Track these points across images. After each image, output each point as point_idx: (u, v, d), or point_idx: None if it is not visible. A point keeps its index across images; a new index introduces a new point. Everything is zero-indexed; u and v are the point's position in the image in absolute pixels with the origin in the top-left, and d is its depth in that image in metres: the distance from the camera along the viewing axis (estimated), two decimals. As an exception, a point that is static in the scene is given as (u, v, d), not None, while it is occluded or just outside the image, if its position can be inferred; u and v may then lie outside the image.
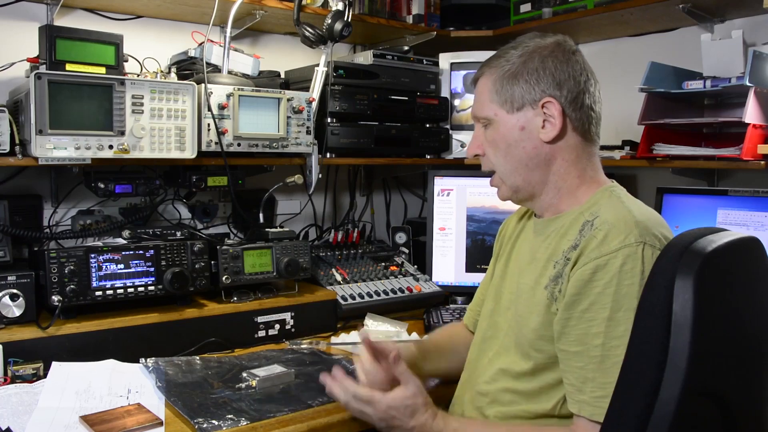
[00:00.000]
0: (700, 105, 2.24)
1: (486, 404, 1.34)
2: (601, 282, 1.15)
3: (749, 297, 1.12)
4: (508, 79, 1.30)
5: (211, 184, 1.97)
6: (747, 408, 1.13)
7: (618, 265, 1.14)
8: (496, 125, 1.32)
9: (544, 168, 1.31)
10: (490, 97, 1.32)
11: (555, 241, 1.29)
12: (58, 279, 1.63)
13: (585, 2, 2.28)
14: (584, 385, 1.15)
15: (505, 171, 1.34)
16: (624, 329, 1.11)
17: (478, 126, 1.38)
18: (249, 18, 2.19)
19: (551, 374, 1.25)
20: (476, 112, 1.37)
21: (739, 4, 2.06)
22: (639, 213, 1.21)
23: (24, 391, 1.47)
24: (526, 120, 1.30)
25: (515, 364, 1.30)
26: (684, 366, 0.94)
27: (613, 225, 1.18)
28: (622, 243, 1.15)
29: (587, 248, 1.19)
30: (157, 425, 1.35)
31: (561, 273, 1.22)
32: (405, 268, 2.39)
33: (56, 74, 1.62)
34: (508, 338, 1.35)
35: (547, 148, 1.30)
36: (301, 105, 2.03)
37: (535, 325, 1.25)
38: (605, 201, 1.27)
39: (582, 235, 1.22)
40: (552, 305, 1.23)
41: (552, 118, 1.28)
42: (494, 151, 1.34)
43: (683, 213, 2.08)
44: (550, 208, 1.35)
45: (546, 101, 1.28)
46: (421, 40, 2.57)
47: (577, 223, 1.26)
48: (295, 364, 1.72)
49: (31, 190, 2.02)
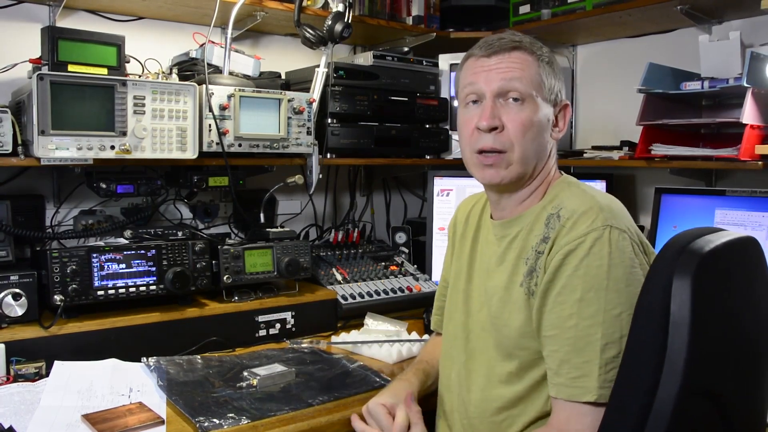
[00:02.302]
0: (698, 106, 2.24)
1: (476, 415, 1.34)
2: (570, 266, 1.16)
3: (747, 297, 1.13)
4: (549, 66, 1.30)
5: (212, 184, 1.98)
6: (744, 408, 1.13)
7: (586, 248, 1.16)
8: (533, 107, 1.27)
9: (542, 161, 1.32)
10: (532, 77, 1.27)
11: (522, 241, 1.29)
12: (60, 278, 1.63)
13: (584, 3, 2.29)
14: (560, 368, 1.16)
15: (521, 154, 1.27)
16: (595, 309, 1.13)
17: (493, 99, 1.27)
18: (250, 19, 2.20)
19: (537, 371, 1.25)
20: (515, 86, 1.26)
21: (737, 6, 2.07)
22: (602, 199, 1.24)
23: (26, 390, 1.47)
24: (550, 113, 1.31)
25: (499, 366, 1.30)
26: (681, 366, 0.95)
27: (580, 212, 1.20)
28: (589, 227, 1.17)
29: (558, 237, 1.20)
30: (158, 424, 1.36)
31: (534, 267, 1.23)
32: (405, 268, 2.40)
33: (58, 75, 1.62)
34: (483, 340, 1.35)
35: (549, 145, 1.33)
36: (302, 106, 2.04)
37: (517, 324, 1.26)
38: (566, 193, 1.28)
39: (550, 228, 1.23)
40: (530, 299, 1.24)
41: (564, 120, 1.34)
42: (521, 131, 1.26)
43: (681, 213, 2.09)
44: (515, 207, 1.34)
45: (566, 104, 1.34)
46: (421, 41, 2.58)
47: (541, 218, 1.27)
48: (295, 363, 1.73)
49: (34, 190, 2.03)
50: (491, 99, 1.27)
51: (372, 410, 1.37)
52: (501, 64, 1.28)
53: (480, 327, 1.36)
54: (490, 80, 1.28)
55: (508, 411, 1.28)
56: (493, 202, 1.39)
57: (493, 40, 1.31)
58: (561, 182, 1.33)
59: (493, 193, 1.37)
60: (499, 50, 1.29)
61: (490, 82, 1.27)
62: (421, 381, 1.48)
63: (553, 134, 1.32)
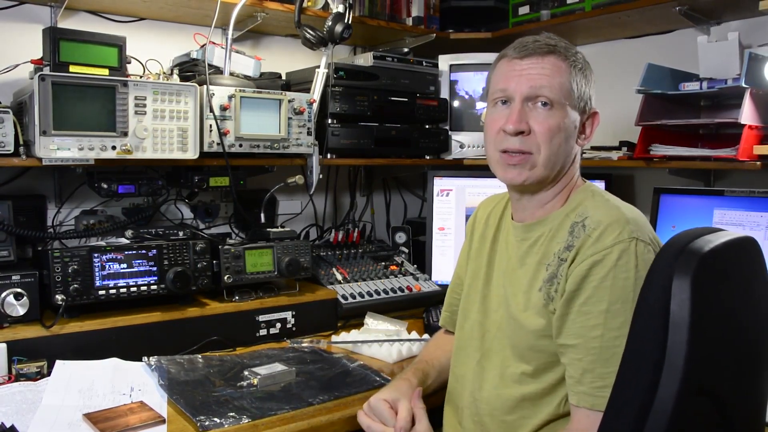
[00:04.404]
0: (697, 106, 2.25)
1: (487, 412, 1.35)
2: (597, 276, 1.18)
3: (746, 296, 1.13)
4: (581, 74, 1.30)
5: (213, 184, 1.98)
6: (743, 407, 1.14)
7: (614, 259, 1.17)
8: (562, 112, 1.28)
9: (566, 167, 1.33)
10: (563, 83, 1.28)
11: (544, 246, 1.31)
12: (62, 278, 1.64)
13: (583, 4, 2.29)
14: (583, 377, 1.18)
15: (546, 158, 1.28)
16: (622, 321, 1.14)
17: (522, 102, 1.28)
18: (250, 20, 2.20)
19: (552, 374, 1.26)
20: (544, 92, 1.27)
21: (736, 6, 2.07)
22: (627, 211, 1.25)
23: (28, 390, 1.48)
24: (577, 121, 1.32)
25: (513, 366, 1.31)
26: (681, 365, 0.95)
27: (606, 224, 1.21)
28: (616, 239, 1.18)
29: (583, 247, 1.21)
30: (159, 423, 1.36)
31: (555, 273, 1.25)
32: (405, 268, 2.41)
33: (60, 76, 1.63)
34: (499, 340, 1.36)
35: (574, 151, 1.33)
36: (302, 106, 2.04)
37: (534, 327, 1.27)
38: (590, 202, 1.30)
39: (574, 236, 1.24)
40: (549, 305, 1.25)
41: (592, 128, 1.35)
42: (548, 136, 1.27)
43: (680, 213, 2.09)
44: (536, 210, 1.35)
45: (594, 112, 1.35)
46: (421, 41, 2.59)
47: (564, 225, 1.28)
48: (296, 362, 1.73)
49: (35, 191, 2.03)
50: (520, 102, 1.28)
51: (374, 406, 1.38)
52: (533, 69, 1.28)
53: (496, 327, 1.37)
54: (520, 83, 1.28)
55: (521, 411, 1.29)
56: (514, 201, 1.41)
57: (528, 41, 1.31)
58: (584, 190, 1.34)
59: (515, 192, 1.38)
60: (533, 53, 1.29)
61: (521, 86, 1.28)
62: (420, 380, 1.49)
63: (579, 141, 1.33)
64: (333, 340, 1.93)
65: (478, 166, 2.53)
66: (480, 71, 2.54)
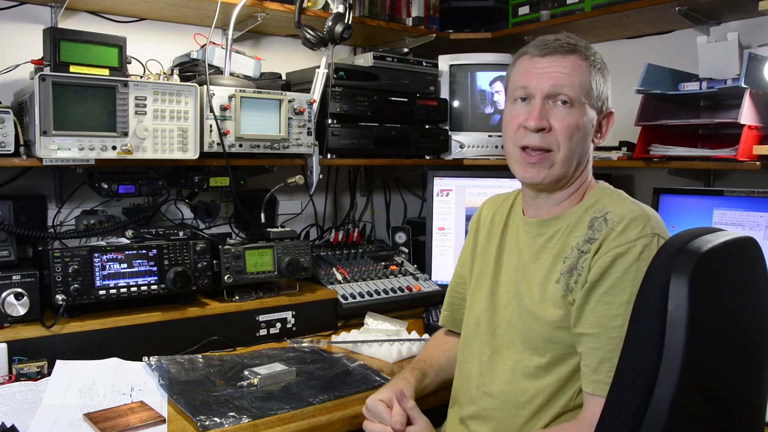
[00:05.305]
0: (696, 106, 2.25)
1: (497, 407, 1.35)
2: (620, 268, 1.20)
3: (744, 296, 1.13)
4: (600, 73, 1.33)
5: (213, 184, 1.99)
6: (742, 405, 1.14)
7: (637, 252, 1.20)
8: (581, 110, 1.30)
9: (582, 165, 1.35)
10: (583, 82, 1.30)
11: (562, 240, 1.32)
12: (62, 278, 1.64)
13: (583, 5, 2.30)
14: (600, 366, 1.19)
15: (565, 156, 1.30)
16: None
17: (542, 100, 1.30)
18: (250, 20, 2.21)
19: (565, 367, 1.27)
20: (565, 90, 1.29)
21: (735, 7, 2.07)
22: (647, 209, 1.29)
23: (28, 389, 1.48)
24: (594, 119, 1.34)
25: (526, 360, 1.32)
26: (679, 364, 0.96)
27: (630, 219, 1.24)
28: (639, 234, 1.21)
29: (607, 239, 1.24)
30: (159, 423, 1.37)
31: (575, 265, 1.26)
32: (405, 268, 2.41)
33: (60, 76, 1.63)
34: (510, 335, 1.36)
35: (590, 150, 1.36)
36: (302, 106, 2.05)
37: (551, 318, 1.28)
38: (608, 199, 1.32)
39: (595, 230, 1.26)
40: (568, 296, 1.27)
41: (607, 127, 1.37)
42: (568, 134, 1.29)
43: (679, 213, 2.09)
44: (552, 207, 1.37)
45: (610, 112, 1.37)
46: (421, 42, 2.59)
47: (583, 220, 1.30)
48: (296, 362, 1.74)
49: (36, 191, 2.04)
50: (540, 100, 1.30)
51: (371, 407, 1.38)
52: (554, 67, 1.30)
53: (507, 322, 1.38)
54: (541, 81, 1.30)
55: (533, 405, 1.30)
56: (529, 199, 1.41)
57: (549, 40, 1.33)
58: (600, 188, 1.37)
59: (532, 191, 1.39)
60: (555, 51, 1.31)
61: (542, 83, 1.30)
62: (417, 380, 1.49)
63: (595, 140, 1.36)
64: (333, 340, 1.94)
65: (478, 166, 2.54)
66: (481, 71, 2.54)
